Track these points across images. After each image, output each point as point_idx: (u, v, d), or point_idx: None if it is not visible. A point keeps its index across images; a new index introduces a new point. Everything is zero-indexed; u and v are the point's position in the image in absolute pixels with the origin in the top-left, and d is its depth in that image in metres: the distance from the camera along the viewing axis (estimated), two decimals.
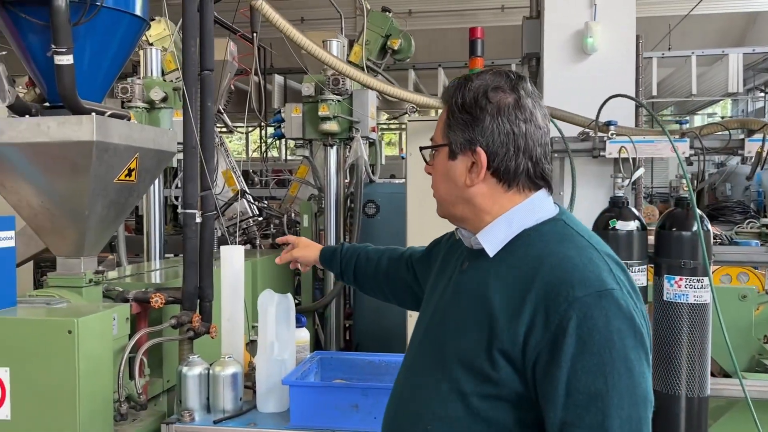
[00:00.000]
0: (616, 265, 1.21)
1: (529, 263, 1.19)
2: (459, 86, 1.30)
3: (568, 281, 1.13)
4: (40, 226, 2.42)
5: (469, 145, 1.28)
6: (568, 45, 3.62)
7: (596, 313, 1.10)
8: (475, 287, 1.26)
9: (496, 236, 1.27)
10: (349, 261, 1.94)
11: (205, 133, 2.51)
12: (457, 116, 1.28)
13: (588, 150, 3.46)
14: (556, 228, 1.26)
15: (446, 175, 1.32)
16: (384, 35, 4.26)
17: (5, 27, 2.35)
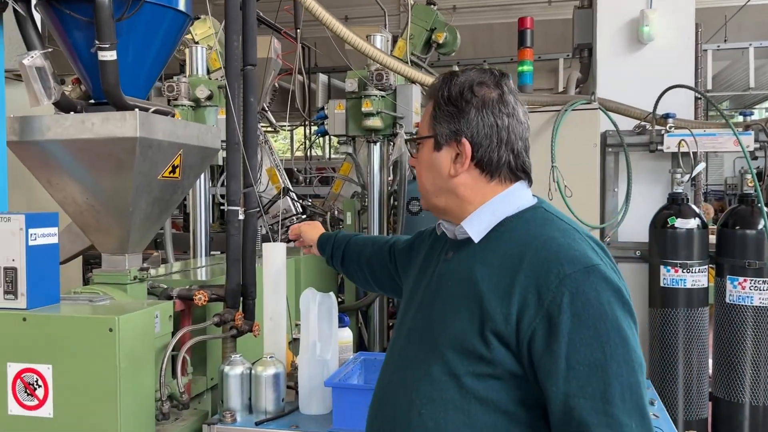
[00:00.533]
0: (596, 245, 1.26)
1: (514, 247, 1.25)
2: (445, 81, 1.37)
3: (557, 260, 1.18)
4: (85, 223, 2.42)
5: (454, 136, 1.34)
6: (622, 34, 3.46)
7: (587, 287, 1.15)
8: (461, 273, 1.30)
9: (481, 223, 1.32)
10: (338, 246, 2.04)
11: (248, 129, 2.47)
12: (444, 109, 1.34)
13: (644, 144, 3.30)
14: (537, 214, 1.31)
15: (431, 166, 1.37)
16: (428, 29, 4.16)
17: (51, 24, 2.36)
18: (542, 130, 3.09)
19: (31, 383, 1.74)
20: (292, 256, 3.54)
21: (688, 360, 2.95)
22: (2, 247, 1.78)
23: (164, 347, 2.02)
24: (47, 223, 1.84)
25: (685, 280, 2.95)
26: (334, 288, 4.10)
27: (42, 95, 2.28)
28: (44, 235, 1.83)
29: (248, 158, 2.46)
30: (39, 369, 1.73)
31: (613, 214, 3.34)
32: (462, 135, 1.32)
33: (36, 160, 2.33)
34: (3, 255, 1.78)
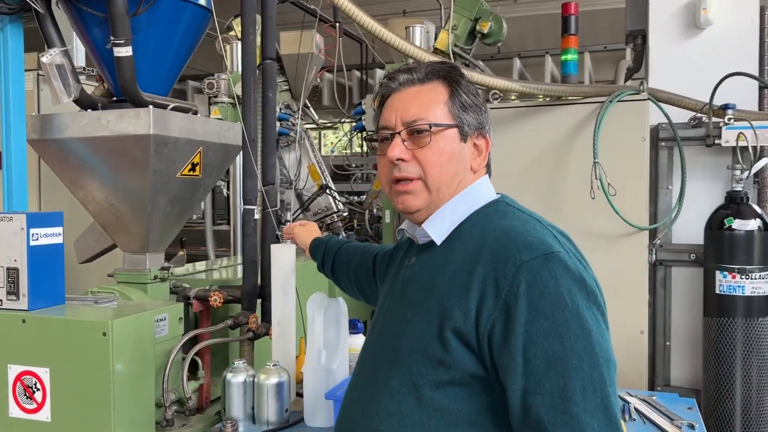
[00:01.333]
0: (561, 235, 1.20)
1: (474, 241, 1.19)
2: (458, 70, 1.32)
3: (514, 247, 1.12)
4: (106, 222, 2.41)
5: (479, 128, 1.30)
6: (678, 19, 3.20)
7: (545, 274, 1.08)
8: (423, 278, 1.24)
9: (442, 224, 1.27)
10: (329, 253, 1.97)
11: (267, 125, 2.40)
12: (471, 99, 1.29)
13: (701, 138, 3.03)
14: (498, 208, 1.27)
15: (457, 158, 1.28)
16: (473, 18, 3.98)
17: (72, 22, 2.34)
18: (585, 123, 2.87)
19: (30, 386, 1.72)
20: None
21: (747, 375, 2.68)
22: (4, 247, 1.76)
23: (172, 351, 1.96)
24: (51, 222, 1.81)
25: (744, 287, 2.69)
26: None
27: (62, 93, 2.27)
28: (47, 235, 1.80)
29: (266, 155, 2.39)
30: (37, 372, 1.70)
31: (666, 213, 3.09)
32: (486, 131, 1.31)
33: (56, 158, 2.33)
34: (5, 255, 1.76)
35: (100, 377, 1.64)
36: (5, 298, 1.77)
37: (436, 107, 1.27)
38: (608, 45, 8.35)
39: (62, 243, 1.85)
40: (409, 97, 1.29)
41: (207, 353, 2.28)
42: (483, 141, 1.31)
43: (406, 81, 1.31)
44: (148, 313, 1.80)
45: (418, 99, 1.28)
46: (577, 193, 2.81)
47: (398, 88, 1.32)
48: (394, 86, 1.32)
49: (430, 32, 4.07)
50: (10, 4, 2.16)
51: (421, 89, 1.29)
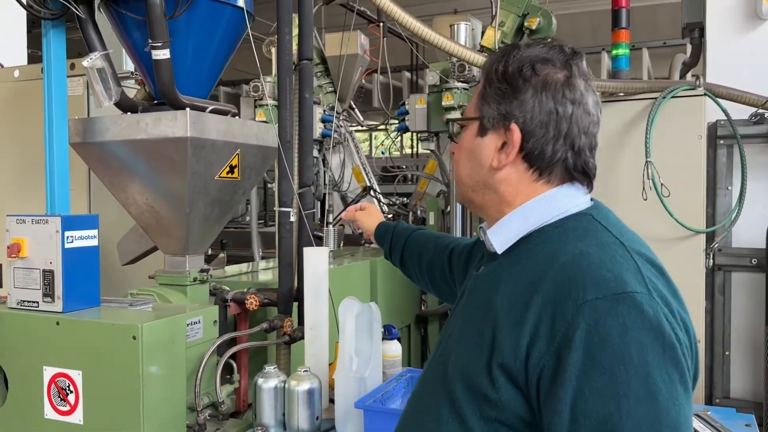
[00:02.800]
0: (649, 266, 1.00)
1: (540, 263, 1.03)
2: (504, 54, 1.14)
3: (580, 281, 0.95)
4: (146, 224, 2.42)
5: (503, 120, 1.11)
6: (737, 10, 3.02)
7: (610, 320, 0.90)
8: (484, 292, 1.11)
9: (508, 232, 1.12)
10: (397, 241, 1.86)
11: (303, 126, 2.37)
12: (495, 86, 1.12)
13: (763, 135, 2.86)
14: (580, 223, 1.08)
15: (472, 153, 1.16)
16: (521, 14, 3.87)
17: (114, 25, 2.37)
18: (637, 120, 2.74)
19: (64, 388, 1.73)
20: (367, 258, 3.43)
21: None
22: (41, 249, 1.78)
23: (210, 354, 1.95)
24: (86, 225, 1.82)
25: None
26: (416, 290, 3.95)
27: (104, 96, 2.30)
28: (82, 237, 1.81)
29: (303, 156, 2.36)
30: (70, 374, 1.71)
31: (725, 215, 2.92)
32: (512, 119, 1.09)
33: (97, 161, 2.36)
34: (42, 257, 1.78)
35: (130, 380, 1.64)
36: (41, 300, 1.79)
37: (473, 101, 1.18)
38: (668, 41, 8.06)
39: (98, 245, 1.86)
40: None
41: (244, 356, 2.27)
42: (506, 132, 1.11)
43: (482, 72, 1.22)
44: (179, 317, 1.79)
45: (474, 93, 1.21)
46: (628, 193, 2.69)
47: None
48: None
49: (476, 30, 3.98)
50: (53, 9, 2.19)
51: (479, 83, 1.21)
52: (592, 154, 1.12)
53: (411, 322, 3.81)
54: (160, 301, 2.17)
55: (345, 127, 4.32)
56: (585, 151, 1.10)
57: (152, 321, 1.68)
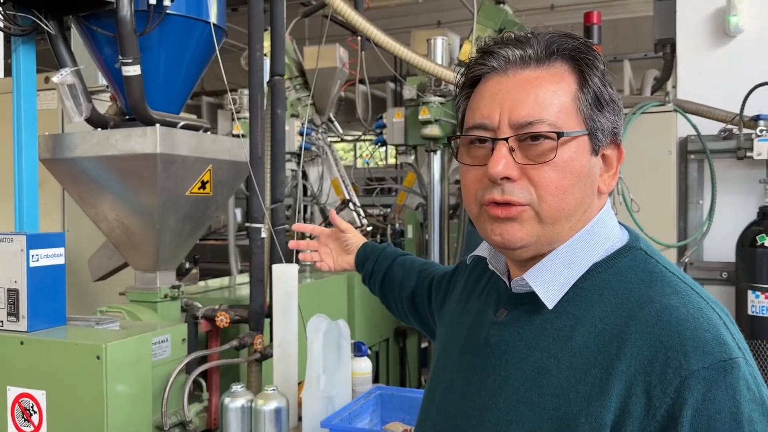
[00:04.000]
0: (726, 317, 0.85)
1: (608, 316, 0.84)
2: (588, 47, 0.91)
3: (678, 346, 0.78)
4: (117, 240, 2.41)
5: (614, 135, 0.92)
6: (707, 27, 3.07)
7: (720, 394, 0.76)
8: (523, 351, 0.90)
9: (555, 278, 0.89)
10: (381, 263, 1.58)
11: (276, 142, 2.37)
12: (611, 93, 0.90)
13: (731, 150, 2.90)
14: (637, 263, 0.89)
15: (585, 179, 0.89)
16: (497, 29, 3.91)
17: (85, 41, 2.37)
18: None
19: (28, 408, 1.71)
20: (344, 272, 3.42)
21: None
22: (5, 268, 1.77)
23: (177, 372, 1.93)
24: (52, 243, 1.80)
25: None
26: None
27: (74, 112, 2.29)
28: (48, 255, 1.79)
29: (275, 172, 2.36)
30: (34, 394, 1.69)
31: (698, 229, 2.96)
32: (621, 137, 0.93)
33: (67, 177, 2.35)
34: (6, 276, 1.77)
35: (95, 400, 1.62)
36: (5, 320, 1.77)
37: (563, 104, 0.88)
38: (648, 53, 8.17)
39: (64, 264, 1.85)
40: (521, 86, 0.89)
41: (215, 374, 2.25)
42: (616, 152, 0.93)
43: (518, 59, 0.90)
44: (145, 336, 1.78)
45: (536, 90, 0.88)
46: None
47: (504, 69, 0.91)
48: (498, 65, 0.91)
49: (453, 44, 4.01)
50: (23, 25, 2.18)
51: (540, 74, 0.89)
52: None
53: (390, 336, 3.81)
54: (131, 319, 2.15)
55: (324, 140, 4.33)
56: None
57: (116, 340, 1.67)
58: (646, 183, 2.67)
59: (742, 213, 2.89)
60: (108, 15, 2.15)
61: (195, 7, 2.29)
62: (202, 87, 7.84)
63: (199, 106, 8.18)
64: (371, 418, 1.84)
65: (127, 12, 2.09)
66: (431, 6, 9.03)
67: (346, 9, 2.46)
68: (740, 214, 2.89)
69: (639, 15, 8.37)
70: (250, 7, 2.26)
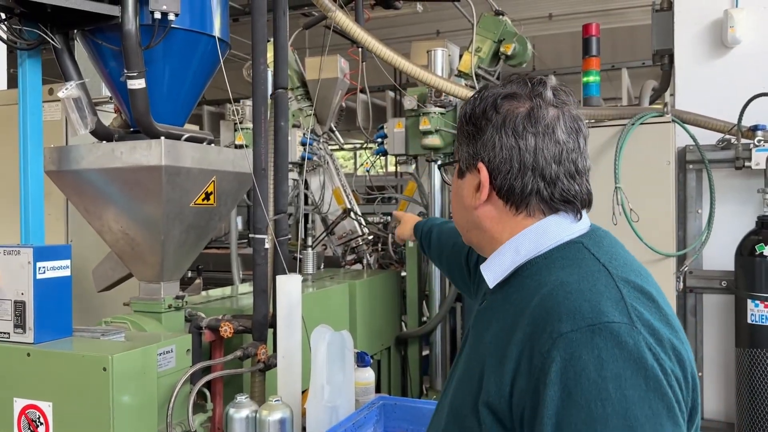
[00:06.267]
0: (636, 293, 0.96)
1: (525, 296, 1.02)
2: (474, 96, 1.17)
3: (555, 313, 0.93)
4: (122, 251, 2.43)
5: (472, 160, 1.14)
6: (704, 38, 3.11)
7: (585, 353, 0.87)
8: (479, 330, 1.12)
9: (500, 265, 1.11)
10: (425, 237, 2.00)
11: (279, 153, 2.40)
12: (464, 129, 1.16)
13: (730, 160, 2.93)
14: (569, 252, 1.05)
15: (457, 195, 1.20)
16: (496, 40, 3.95)
17: (90, 55, 2.39)
18: (607, 146, 2.80)
19: (34, 420, 1.73)
20: (347, 280, 3.44)
21: None
22: (12, 281, 1.79)
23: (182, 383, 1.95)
24: (58, 256, 1.83)
25: None
26: (397, 312, 3.97)
27: (80, 125, 2.32)
28: (54, 268, 1.82)
29: (278, 183, 2.38)
30: (41, 406, 1.71)
31: (696, 238, 2.98)
32: (478, 159, 1.11)
33: (72, 189, 2.37)
34: (13, 288, 1.79)
35: (101, 411, 1.64)
36: (12, 331, 1.79)
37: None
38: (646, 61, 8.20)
39: (70, 276, 1.87)
40: None
41: (219, 384, 2.27)
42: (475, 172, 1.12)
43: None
44: (150, 347, 1.80)
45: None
46: (599, 219, 2.70)
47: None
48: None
49: (453, 55, 4.04)
50: (29, 39, 2.21)
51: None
52: (575, 180, 1.09)
53: (391, 345, 3.82)
54: (135, 329, 2.17)
55: (325, 149, 4.36)
56: (561, 179, 1.07)
57: (122, 352, 1.69)
58: (645, 193, 2.70)
59: (741, 222, 2.91)
60: (113, 29, 2.18)
61: (199, 20, 2.32)
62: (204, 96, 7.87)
63: (201, 115, 8.21)
64: (375, 428, 1.85)
65: (132, 26, 2.12)
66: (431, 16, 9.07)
67: (347, 22, 2.49)
68: (739, 223, 2.91)
69: (637, 24, 8.40)
70: (254, 20, 2.29)
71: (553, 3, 8.61)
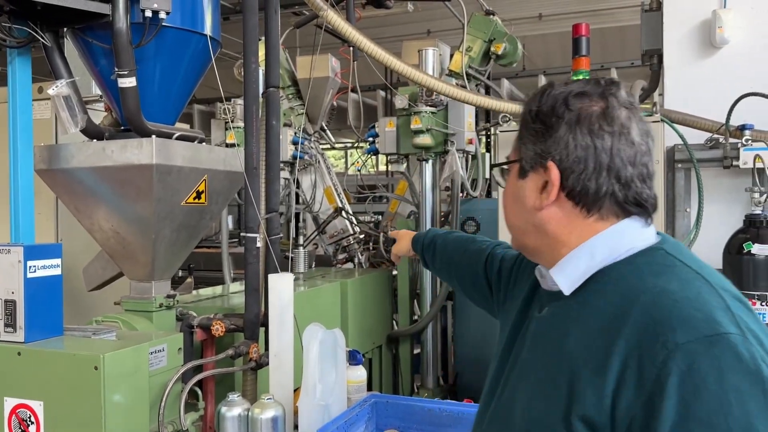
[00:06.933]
0: (737, 303, 0.94)
1: (617, 303, 0.97)
2: (539, 93, 1.12)
3: (667, 322, 0.89)
4: (113, 250, 2.43)
5: (539, 159, 1.08)
6: (693, 38, 3.13)
7: (705, 365, 0.84)
8: (553, 338, 1.05)
9: (575, 270, 1.06)
10: (427, 249, 1.86)
11: (270, 152, 2.40)
12: (530, 127, 1.10)
13: (718, 159, 2.95)
14: (655, 258, 1.01)
15: (515, 197, 1.14)
16: (487, 40, 3.96)
17: (80, 53, 2.38)
18: None
19: (25, 419, 1.72)
20: (338, 279, 3.45)
21: None
22: (2, 280, 1.78)
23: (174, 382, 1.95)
24: (49, 254, 1.82)
25: (765, 314, 2.59)
26: (389, 310, 3.98)
27: (70, 123, 2.31)
28: (45, 267, 1.81)
29: (269, 182, 2.38)
30: (32, 405, 1.71)
31: (685, 237, 3.01)
32: (548, 158, 1.06)
33: (63, 188, 2.36)
34: (3, 287, 1.78)
35: (92, 410, 1.64)
36: (3, 331, 1.78)
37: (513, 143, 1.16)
38: (635, 61, 8.25)
39: (60, 275, 1.86)
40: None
41: (211, 383, 2.27)
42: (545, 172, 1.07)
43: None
44: (142, 346, 1.80)
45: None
46: None
47: None
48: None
49: (444, 54, 4.06)
50: (18, 37, 2.20)
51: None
52: (646, 184, 1.06)
53: (382, 343, 3.83)
54: (126, 328, 2.17)
55: (316, 149, 4.36)
56: (635, 182, 1.04)
57: (114, 351, 1.69)
58: None
59: (729, 221, 2.93)
60: (104, 27, 2.17)
61: (190, 19, 2.32)
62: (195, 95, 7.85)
63: (191, 114, 8.18)
64: (367, 426, 1.86)
65: (123, 24, 2.12)
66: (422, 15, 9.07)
67: (339, 21, 2.50)
68: (727, 222, 2.94)
69: (627, 24, 8.45)
70: (245, 20, 2.29)
71: (542, 3, 8.64)
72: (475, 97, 2.82)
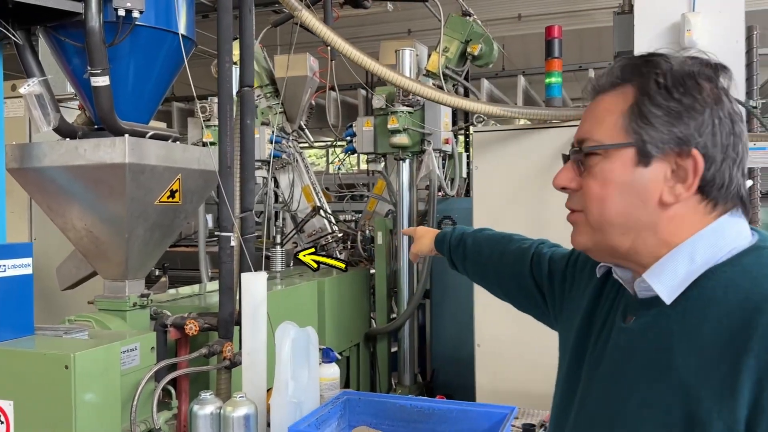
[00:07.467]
0: None
1: (734, 313, 0.85)
2: (653, 63, 0.95)
3: None
4: (86, 249, 2.42)
5: (680, 144, 0.91)
6: (663, 40, 3.18)
7: None
8: (650, 352, 0.92)
9: (673, 275, 0.92)
10: (455, 249, 1.62)
11: (245, 151, 2.41)
12: (661, 103, 0.91)
13: None
14: (764, 260, 0.89)
15: (629, 188, 0.93)
16: (464, 41, 4.00)
17: (53, 51, 2.37)
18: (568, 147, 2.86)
19: None
20: (315, 278, 3.46)
21: None
22: None
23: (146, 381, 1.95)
24: (18, 254, 1.81)
25: None
26: (367, 308, 4.00)
27: (42, 122, 2.30)
28: (15, 266, 1.80)
29: (245, 181, 2.39)
30: (2, 404, 1.70)
31: None
32: (692, 143, 0.90)
33: (35, 187, 2.35)
34: None
35: (63, 410, 1.64)
36: None
37: (610, 120, 0.95)
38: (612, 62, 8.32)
39: (31, 274, 1.86)
40: (590, 109, 1.01)
41: (185, 382, 2.27)
42: (688, 161, 0.91)
43: (596, 87, 1.01)
44: (113, 345, 1.80)
45: (595, 110, 0.99)
46: (560, 220, 2.78)
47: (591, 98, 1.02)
48: (587, 95, 1.04)
49: (421, 55, 4.08)
50: None
51: (605, 97, 0.98)
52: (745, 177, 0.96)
53: (360, 341, 3.86)
54: (99, 328, 2.17)
55: (295, 147, 4.36)
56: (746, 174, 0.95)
57: (85, 350, 1.69)
58: None
59: None
60: (76, 26, 2.17)
61: (164, 18, 2.32)
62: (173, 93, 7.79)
63: (170, 111, 8.13)
64: (339, 423, 1.88)
65: (96, 23, 2.11)
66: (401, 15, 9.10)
67: (314, 21, 2.51)
68: None
69: (604, 25, 8.55)
70: (219, 19, 2.30)
71: (522, 4, 8.70)
72: (449, 98, 2.85)
